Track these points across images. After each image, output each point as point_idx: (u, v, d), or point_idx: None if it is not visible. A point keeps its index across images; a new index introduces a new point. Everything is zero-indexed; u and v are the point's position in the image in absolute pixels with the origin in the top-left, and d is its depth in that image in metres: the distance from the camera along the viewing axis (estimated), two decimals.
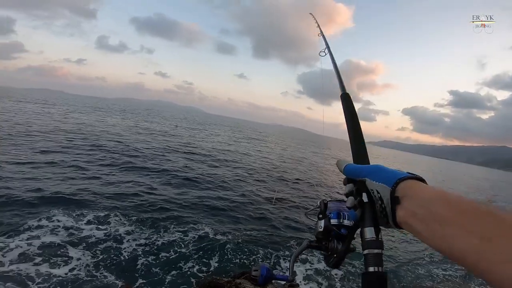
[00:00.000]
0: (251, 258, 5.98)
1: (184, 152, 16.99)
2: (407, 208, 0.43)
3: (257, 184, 12.24)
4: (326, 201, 0.67)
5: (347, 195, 0.55)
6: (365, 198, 0.51)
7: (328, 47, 0.91)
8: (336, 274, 5.94)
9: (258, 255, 6.15)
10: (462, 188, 30.05)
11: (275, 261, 6.11)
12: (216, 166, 14.40)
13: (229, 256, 5.91)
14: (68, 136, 15.81)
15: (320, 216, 0.65)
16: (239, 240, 6.54)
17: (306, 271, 5.88)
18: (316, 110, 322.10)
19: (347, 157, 0.70)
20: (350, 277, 5.91)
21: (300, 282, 5.48)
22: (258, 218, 8.22)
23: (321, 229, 0.63)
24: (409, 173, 0.48)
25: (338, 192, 13.20)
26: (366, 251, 0.48)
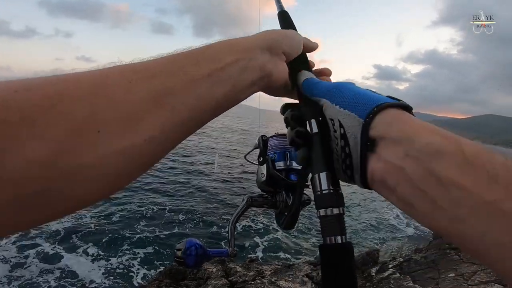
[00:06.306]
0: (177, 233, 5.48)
1: None
2: (389, 158, 0.26)
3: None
4: (265, 138, 0.49)
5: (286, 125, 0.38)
6: (314, 127, 0.34)
7: None
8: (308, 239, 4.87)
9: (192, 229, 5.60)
10: None
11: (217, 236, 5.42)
12: None
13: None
14: None
15: (261, 159, 0.48)
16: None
17: (264, 242, 4.94)
18: None
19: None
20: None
21: (259, 257, 4.94)
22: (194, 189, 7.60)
23: (264, 178, 0.47)
24: (389, 96, 0.31)
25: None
26: (321, 211, 0.30)
